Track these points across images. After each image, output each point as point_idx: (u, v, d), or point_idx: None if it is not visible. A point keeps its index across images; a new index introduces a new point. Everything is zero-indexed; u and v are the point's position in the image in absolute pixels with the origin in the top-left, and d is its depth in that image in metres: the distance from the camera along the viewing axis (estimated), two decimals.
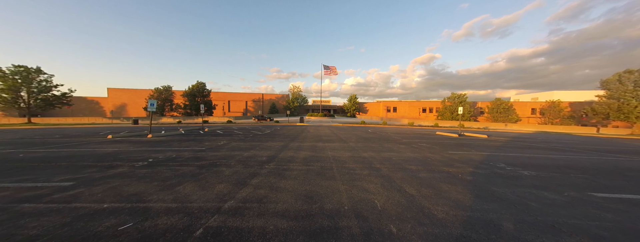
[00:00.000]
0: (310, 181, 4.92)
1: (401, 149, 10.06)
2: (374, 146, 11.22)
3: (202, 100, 53.18)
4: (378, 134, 18.92)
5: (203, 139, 13.22)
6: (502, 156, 8.86)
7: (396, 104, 66.18)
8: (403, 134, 18.82)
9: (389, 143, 12.42)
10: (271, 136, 15.39)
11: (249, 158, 7.50)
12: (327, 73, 58.30)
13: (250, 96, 68.25)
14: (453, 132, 22.24)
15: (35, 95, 33.16)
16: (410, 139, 15.22)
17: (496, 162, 7.59)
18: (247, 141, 12.71)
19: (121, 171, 5.69)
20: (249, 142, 11.85)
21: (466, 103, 53.94)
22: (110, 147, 10.08)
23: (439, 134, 19.73)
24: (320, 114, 63.84)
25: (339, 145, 11.20)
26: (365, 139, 14.55)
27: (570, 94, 66.68)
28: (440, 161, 7.60)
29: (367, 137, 15.83)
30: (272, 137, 14.94)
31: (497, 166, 6.97)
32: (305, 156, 8.11)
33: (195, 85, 52.18)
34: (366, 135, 17.43)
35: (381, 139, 14.75)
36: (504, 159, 8.13)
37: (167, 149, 9.47)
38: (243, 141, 12.70)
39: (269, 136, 15.38)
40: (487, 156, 8.73)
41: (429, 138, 16.04)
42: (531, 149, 11.62)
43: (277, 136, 15.40)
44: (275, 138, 14.19)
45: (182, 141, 12.53)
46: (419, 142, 13.35)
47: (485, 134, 20.16)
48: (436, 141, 13.96)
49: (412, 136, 17.78)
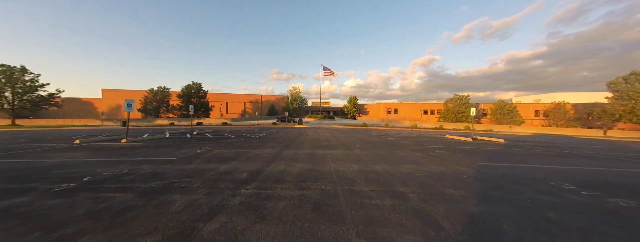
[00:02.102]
0: (303, 227, 2.94)
1: (419, 159, 8.08)
2: (384, 153, 9.23)
3: (199, 102, 51.18)
4: (383, 137, 16.94)
5: (183, 145, 11.22)
6: (551, 169, 6.90)
7: (397, 105, 64.31)
8: (411, 138, 16.83)
9: (400, 150, 10.43)
10: (264, 141, 13.39)
11: (225, 175, 5.51)
12: (327, 74, 56.45)
13: (248, 97, 66.27)
14: (463, 135, 20.28)
15: (20, 95, 31.13)
16: (422, 143, 13.24)
17: (555, 180, 5.61)
18: (234, 146, 10.71)
19: (18, 201, 3.70)
20: (235, 149, 9.85)
21: (469, 104, 52.05)
22: (63, 155, 8.08)
23: (449, 138, 17.76)
24: (319, 115, 61.90)
25: (343, 153, 9.21)
26: (371, 144, 12.56)
27: (573, 96, 65.00)
28: (480, 178, 5.62)
29: (373, 141, 13.85)
30: (265, 142, 12.94)
31: (564, 187, 5.00)
32: (300, 170, 6.12)
33: (191, 85, 50.18)
34: (370, 139, 15.44)
35: (389, 144, 12.76)
36: (559, 175, 6.16)
37: (128, 159, 7.48)
38: (230, 146, 10.70)
39: (262, 141, 13.39)
40: (533, 170, 6.76)
41: (442, 143, 14.07)
42: (570, 157, 9.66)
43: (271, 141, 13.40)
44: (268, 143, 12.19)
45: (157, 147, 10.53)
46: (434, 148, 11.37)
47: (500, 138, 18.21)
48: (453, 147, 11.99)
49: (422, 140, 15.80)
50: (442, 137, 18.31)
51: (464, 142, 14.76)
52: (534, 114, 58.92)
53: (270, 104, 66.33)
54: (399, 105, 64.19)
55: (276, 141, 13.53)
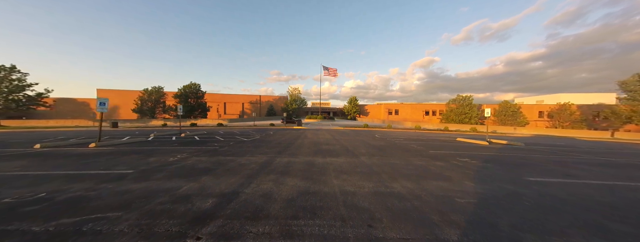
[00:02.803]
0: None
1: (444, 171, 6.31)
2: (398, 163, 7.45)
3: (196, 102, 49.47)
4: (389, 140, 15.15)
5: (158, 151, 9.42)
6: (624, 187, 5.13)
7: (398, 106, 62.58)
8: (420, 141, 15.05)
9: (415, 157, 8.65)
10: (256, 145, 11.61)
11: (179, 203, 3.73)
12: (326, 74, 54.73)
13: (247, 98, 64.49)
14: (473, 137, 18.49)
15: (5, 95, 29.30)
16: (436, 148, 11.45)
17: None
18: (217, 153, 8.92)
19: None
20: (216, 157, 8.06)
21: (473, 105, 50.36)
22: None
23: (462, 142, 15.99)
24: (319, 116, 60.14)
25: (348, 162, 7.43)
26: (378, 149, 10.77)
27: (577, 97, 63.38)
28: (555, 207, 3.85)
29: (379, 145, 12.06)
30: (257, 146, 11.15)
31: None
32: (291, 192, 4.34)
33: (188, 85, 48.42)
34: (376, 142, 13.66)
35: (399, 148, 10.97)
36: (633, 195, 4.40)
37: (69, 172, 5.69)
38: (212, 153, 8.91)
39: (254, 145, 11.60)
40: (604, 189, 4.99)
41: (457, 147, 12.30)
42: (620, 167, 7.89)
43: (264, 145, 11.61)
44: (260, 148, 10.40)
45: (125, 153, 8.74)
46: (453, 154, 9.59)
47: (514, 141, 16.44)
48: (473, 153, 10.21)
49: (434, 144, 14.02)
50: (453, 141, 16.55)
51: (481, 147, 13.00)
52: (538, 115, 57.29)
53: (269, 104, 64.56)
54: (400, 106, 62.46)
55: (270, 144, 11.74)
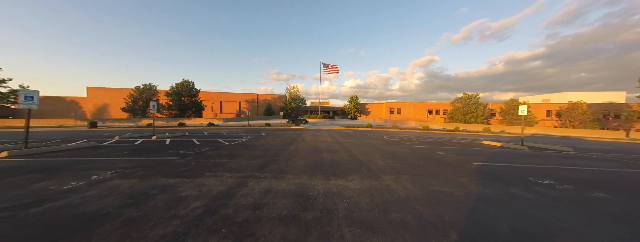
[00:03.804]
0: None
1: (557, 217, 3.24)
2: (449, 191, 4.38)
3: (190, 100, 46.35)
4: (404, 144, 12.07)
5: (81, 166, 6.33)
6: None
7: (400, 105, 59.47)
8: (442, 146, 11.97)
9: (463, 176, 5.58)
10: (234, 153, 8.51)
11: None
12: (327, 71, 51.62)
13: (244, 96, 61.31)
14: (500, 139, 15.42)
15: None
16: (474, 157, 8.37)
17: None
18: (162, 170, 5.83)
19: None
20: (154, 179, 4.97)
21: (479, 104, 47.34)
22: None
23: (492, 146, 12.94)
24: (319, 115, 57.05)
25: (366, 189, 4.34)
26: (399, 159, 7.70)
27: (584, 95, 60.26)
28: None
29: (397, 152, 8.99)
30: (234, 156, 8.06)
31: None
32: None
33: (181, 83, 45.28)
34: (390, 147, 10.58)
35: (426, 158, 7.89)
36: None
37: None
38: (156, 170, 5.83)
39: (231, 153, 8.51)
40: None
41: (499, 156, 9.23)
42: None
43: (244, 153, 8.51)
44: (235, 159, 7.32)
45: (26, 170, 5.66)
46: (515, 171, 6.52)
47: (556, 145, 13.41)
48: (542, 167, 7.14)
49: (462, 149, 10.94)
50: (480, 144, 13.51)
51: (529, 155, 9.95)
52: (546, 115, 54.25)
53: (267, 103, 61.40)
54: (402, 105, 59.37)
55: (254, 152, 8.66)
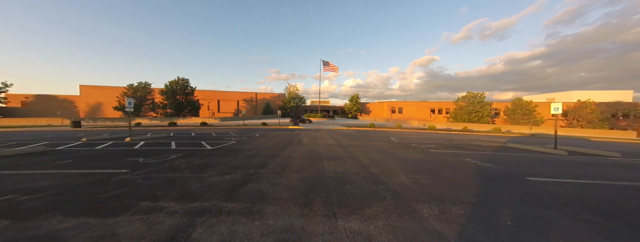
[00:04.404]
0: None
1: None
2: None
3: (185, 99, 44.45)
4: (418, 148, 10.17)
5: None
6: None
7: (402, 104, 57.53)
8: (462, 149, 10.08)
9: (542, 206, 3.68)
10: (208, 164, 6.60)
11: None
12: (327, 69, 49.65)
13: (242, 95, 59.35)
14: (524, 141, 13.54)
15: None
16: (531, 172, 6.47)
17: None
18: (76, 204, 3.95)
19: None
20: (26, 226, 3.09)
21: (485, 103, 45.46)
22: None
23: (519, 149, 11.05)
24: (319, 114, 55.15)
25: (409, 240, 2.44)
26: (426, 171, 5.80)
27: (590, 94, 58.29)
28: None
29: (416, 160, 7.09)
30: (207, 167, 6.15)
31: None
32: None
33: (175, 81, 43.33)
34: (404, 153, 8.69)
35: (465, 172, 5.99)
36: None
37: None
38: (65, 200, 3.95)
39: (205, 163, 6.60)
40: None
41: (539, 161, 7.33)
42: None
43: (220, 164, 6.59)
44: (204, 174, 5.42)
45: None
46: (576, 186, 4.63)
47: (600, 150, 11.53)
48: (616, 186, 5.26)
49: (493, 156, 9.05)
50: (505, 148, 11.62)
51: (581, 163, 8.06)
52: (552, 114, 52.19)
53: (266, 102, 59.44)
54: (404, 104, 57.44)
55: (235, 161, 6.77)
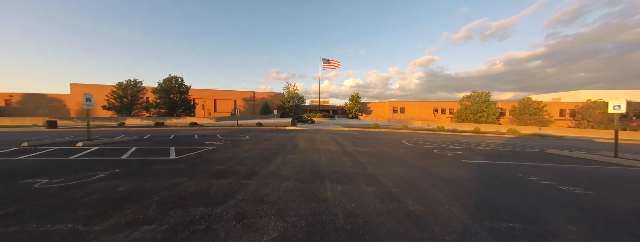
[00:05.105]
0: None
1: None
2: None
3: (179, 98, 42.14)
4: (452, 159, 7.90)
5: None
6: None
7: (404, 104, 55.32)
8: (511, 160, 7.83)
9: None
10: (139, 191, 4.31)
11: None
12: (326, 67, 47.40)
13: (240, 94, 57.07)
14: (565, 145, 11.30)
15: None
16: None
17: None
18: None
19: None
20: None
21: (491, 103, 43.31)
22: None
23: (568, 157, 8.80)
24: (319, 114, 52.96)
25: None
26: (497, 205, 3.55)
27: (598, 94, 56.08)
28: None
29: (467, 183, 4.85)
30: (130, 200, 3.89)
31: None
32: None
33: (169, 79, 41.03)
34: (435, 165, 6.43)
35: (551, 203, 3.75)
36: None
37: None
38: None
39: (131, 192, 4.31)
40: None
41: (613, 175, 5.11)
42: None
43: (166, 187, 4.32)
44: (108, 216, 3.17)
45: None
46: None
47: None
48: None
49: (551, 168, 6.80)
50: (547, 153, 9.38)
51: None
52: (559, 114, 50.24)
53: (264, 101, 57.15)
54: (406, 104, 55.23)
55: (188, 184, 4.54)
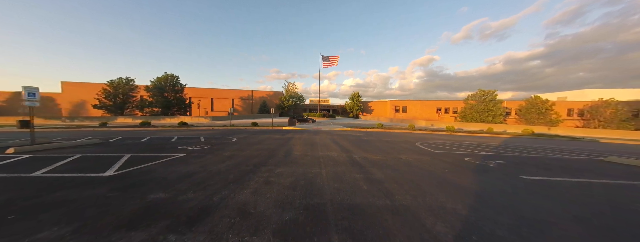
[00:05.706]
0: None
1: None
2: None
3: (174, 97, 40.24)
4: (503, 175, 6.05)
5: None
6: None
7: (406, 103, 53.42)
8: (574, 176, 5.98)
9: None
10: None
11: None
12: (326, 65, 45.51)
13: (237, 93, 55.16)
14: (624, 152, 9.44)
15: None
16: None
17: None
18: None
19: None
20: None
21: (498, 102, 41.42)
22: None
23: (634, 167, 6.91)
24: (318, 113, 51.07)
25: None
26: None
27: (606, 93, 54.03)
28: None
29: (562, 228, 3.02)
30: None
31: None
32: None
33: (163, 77, 39.09)
34: (491, 188, 4.59)
35: None
36: None
37: None
38: None
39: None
40: None
41: None
42: None
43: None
44: None
45: None
46: None
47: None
48: None
49: (635, 186, 4.94)
50: (605, 162, 7.51)
51: None
52: (567, 113, 48.32)
53: (263, 100, 55.24)
54: (408, 103, 53.34)
55: (80, 234, 2.68)
